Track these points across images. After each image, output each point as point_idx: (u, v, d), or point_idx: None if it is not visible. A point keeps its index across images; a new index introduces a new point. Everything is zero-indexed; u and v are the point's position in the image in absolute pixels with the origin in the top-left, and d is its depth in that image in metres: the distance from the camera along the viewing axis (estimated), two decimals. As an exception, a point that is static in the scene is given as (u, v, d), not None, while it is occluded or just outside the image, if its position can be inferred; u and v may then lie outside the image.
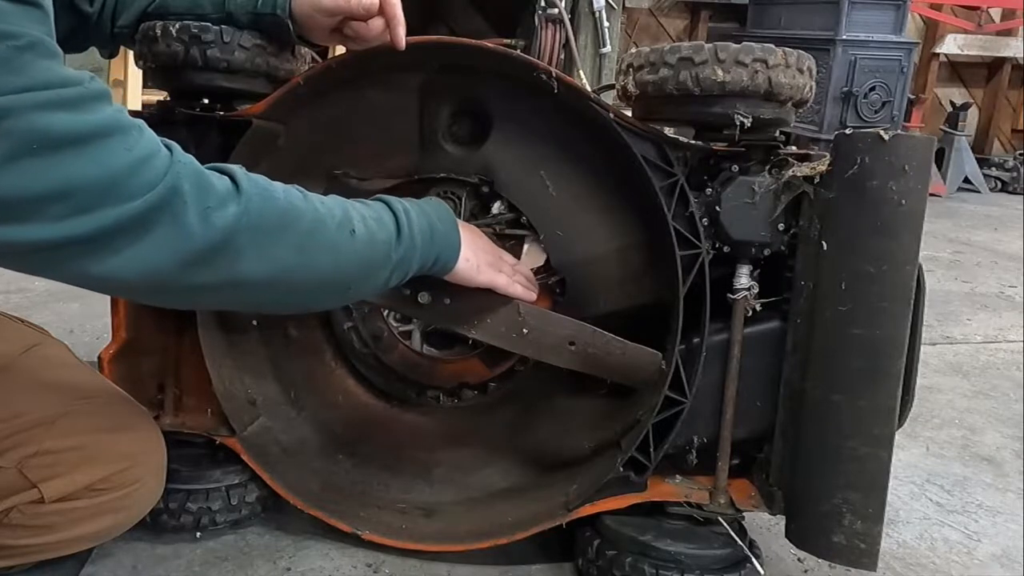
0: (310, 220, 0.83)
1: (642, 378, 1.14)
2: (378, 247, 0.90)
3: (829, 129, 4.20)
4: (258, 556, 1.17)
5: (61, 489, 0.93)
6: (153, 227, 0.70)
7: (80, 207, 0.66)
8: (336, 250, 0.86)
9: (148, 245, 0.71)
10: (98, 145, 0.67)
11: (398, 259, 0.93)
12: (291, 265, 0.81)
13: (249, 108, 1.12)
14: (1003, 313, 2.73)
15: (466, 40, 1.11)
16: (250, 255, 0.77)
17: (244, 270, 0.77)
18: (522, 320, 1.13)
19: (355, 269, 0.89)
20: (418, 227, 0.96)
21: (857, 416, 0.97)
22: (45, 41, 0.66)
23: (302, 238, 0.82)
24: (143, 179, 0.69)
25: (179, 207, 0.71)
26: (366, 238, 0.89)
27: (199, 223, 0.72)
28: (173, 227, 0.71)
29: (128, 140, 0.70)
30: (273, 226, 0.79)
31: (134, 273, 0.71)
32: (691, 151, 1.09)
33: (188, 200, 0.72)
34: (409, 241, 0.94)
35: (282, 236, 0.80)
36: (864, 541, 0.98)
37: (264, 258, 0.79)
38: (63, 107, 0.65)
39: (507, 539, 1.13)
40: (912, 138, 0.94)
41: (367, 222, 0.90)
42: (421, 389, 1.36)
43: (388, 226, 0.93)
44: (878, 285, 0.95)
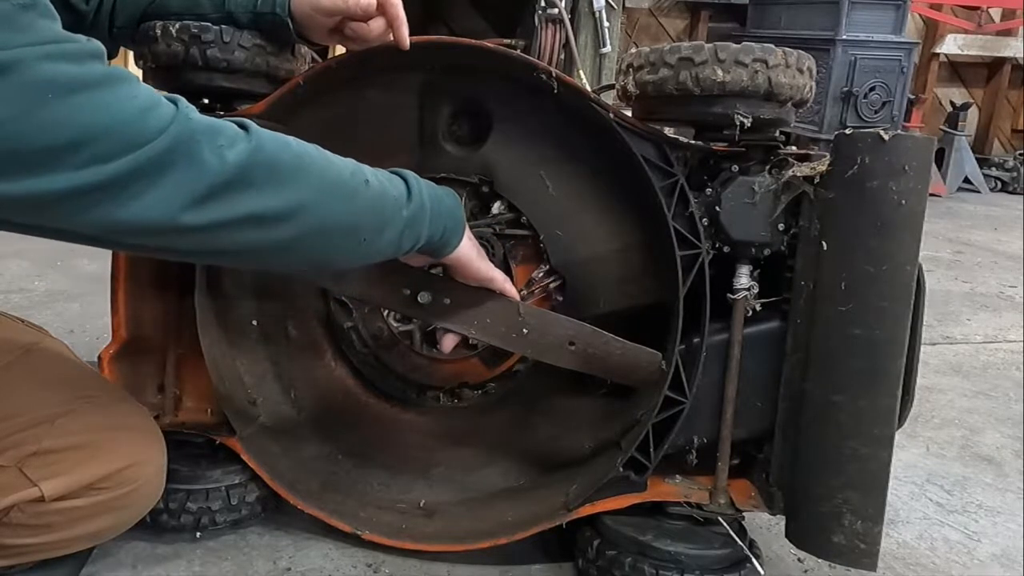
0: (323, 163, 0.85)
1: (642, 378, 1.14)
2: (389, 201, 0.92)
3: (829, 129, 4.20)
4: (258, 556, 1.17)
5: (61, 488, 0.93)
6: (170, 167, 0.72)
7: (98, 153, 0.68)
8: (349, 195, 0.87)
9: (168, 184, 0.72)
10: (106, 92, 0.69)
11: (409, 217, 0.94)
12: (306, 202, 0.82)
13: (249, 108, 1.12)
14: (1003, 313, 2.73)
15: (466, 40, 1.11)
16: (266, 190, 0.78)
17: (261, 205, 0.78)
18: (522, 320, 1.13)
19: (368, 217, 0.90)
20: (428, 195, 0.97)
21: (857, 416, 0.97)
22: (44, 2, 0.68)
23: (316, 178, 0.83)
24: (154, 123, 0.71)
25: (193, 146, 0.73)
26: (379, 190, 0.90)
27: (214, 159, 0.74)
28: (189, 165, 0.73)
29: (132, 88, 0.71)
30: (287, 164, 0.81)
31: (157, 214, 0.72)
32: (691, 151, 1.09)
33: (201, 139, 0.74)
34: (419, 204, 0.95)
35: (296, 174, 0.81)
36: (864, 541, 0.98)
37: (278, 194, 0.79)
38: (67, 59, 0.67)
39: (507, 539, 1.13)
40: (912, 138, 0.94)
41: (379, 177, 0.92)
42: (421, 389, 1.36)
43: (399, 186, 0.94)
44: (878, 285, 0.95)
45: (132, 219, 0.72)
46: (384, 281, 1.14)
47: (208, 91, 1.13)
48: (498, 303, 1.13)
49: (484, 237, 1.27)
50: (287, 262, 0.92)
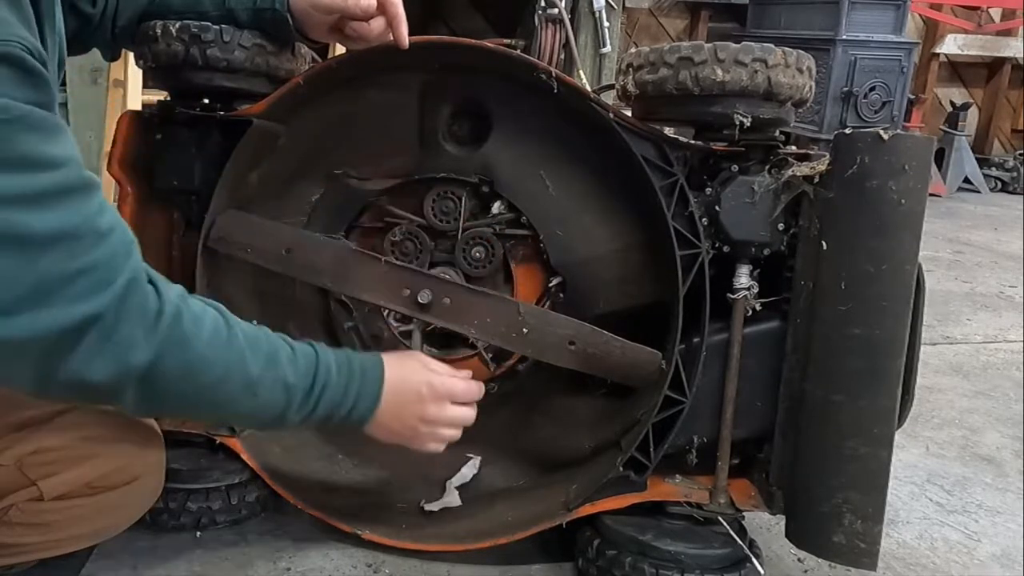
0: (217, 376, 0.82)
1: (642, 377, 1.14)
2: (274, 406, 0.89)
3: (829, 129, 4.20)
4: (258, 556, 1.17)
5: (60, 487, 0.93)
6: (63, 350, 0.70)
7: (11, 303, 0.66)
8: (232, 405, 0.86)
9: (52, 363, 0.71)
10: (42, 251, 0.67)
11: (294, 418, 0.91)
12: (176, 408, 0.86)
13: (249, 108, 1.12)
14: (1003, 313, 2.73)
15: (466, 40, 1.11)
16: (141, 397, 0.78)
17: (132, 404, 0.79)
18: (522, 320, 1.13)
19: (245, 419, 0.95)
20: (327, 400, 0.93)
21: (857, 416, 0.97)
22: (34, 115, 0.65)
23: (199, 394, 0.82)
24: (72, 294, 0.69)
25: (92, 338, 0.71)
26: (266, 401, 0.88)
27: (108, 359, 0.72)
28: (80, 355, 0.71)
29: (76, 249, 0.69)
30: (176, 376, 0.78)
31: (28, 379, 0.72)
32: (691, 151, 1.09)
33: (104, 333, 0.71)
34: (309, 412, 0.92)
35: (180, 386, 0.79)
36: (864, 541, 0.98)
37: (152, 401, 0.80)
38: (33, 201, 0.65)
39: (507, 539, 1.13)
40: (912, 138, 0.94)
41: (275, 382, 0.88)
42: (421, 389, 1.36)
43: (295, 394, 0.90)
44: (878, 285, 0.95)
45: (11, 380, 0.73)
46: (384, 281, 1.14)
47: (208, 91, 1.13)
48: (498, 303, 1.13)
49: (484, 237, 1.27)
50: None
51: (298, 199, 1.27)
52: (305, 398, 0.90)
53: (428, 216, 1.27)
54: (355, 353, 0.98)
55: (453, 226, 1.27)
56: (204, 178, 1.14)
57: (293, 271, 1.16)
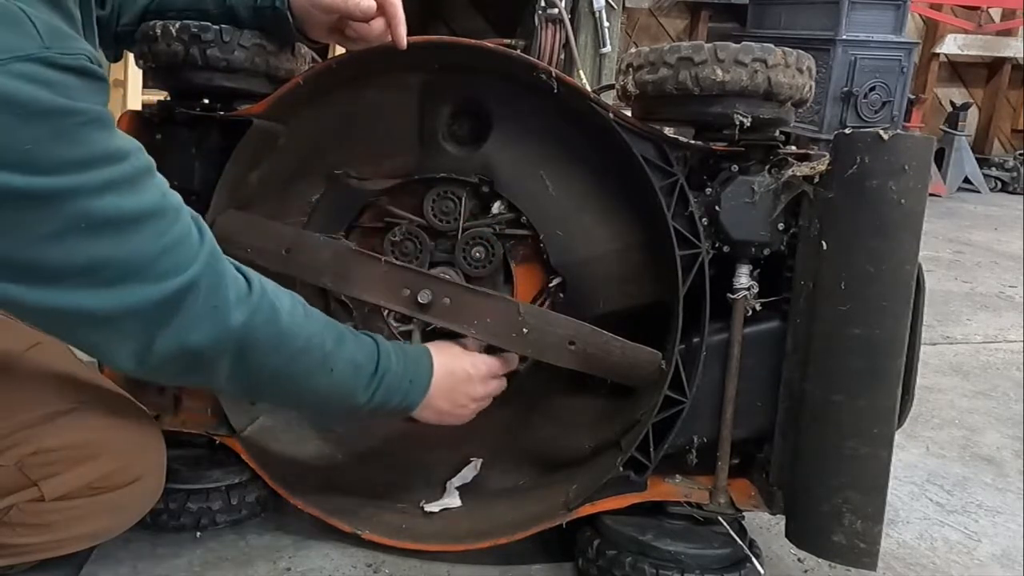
0: (299, 348, 0.90)
1: (642, 377, 1.14)
2: (346, 387, 0.97)
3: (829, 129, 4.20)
4: (258, 556, 1.17)
5: (61, 487, 0.93)
6: (164, 318, 0.77)
7: (105, 281, 0.74)
8: (311, 384, 0.94)
9: (152, 333, 0.77)
10: (135, 229, 0.74)
11: (362, 399, 0.99)
12: (265, 384, 0.91)
13: (249, 108, 1.12)
14: (1003, 313, 2.73)
15: (466, 40, 1.11)
16: (236, 365, 0.85)
17: (226, 375, 0.86)
18: (522, 320, 1.13)
19: (322, 401, 0.98)
20: (388, 385, 1.01)
21: (857, 416, 0.97)
22: (104, 114, 0.72)
23: (286, 364, 0.89)
24: (167, 266, 0.76)
25: (191, 302, 0.78)
26: (341, 377, 0.96)
27: (206, 323, 0.79)
28: (181, 318, 0.78)
29: (163, 225, 0.76)
30: (267, 344, 0.86)
31: (124, 357, 0.79)
32: (691, 151, 1.09)
33: (201, 298, 0.78)
34: (376, 396, 1.00)
35: (270, 356, 0.87)
36: (864, 541, 0.98)
37: (245, 370, 0.86)
38: (114, 189, 0.72)
39: (507, 539, 1.13)
40: (912, 138, 0.94)
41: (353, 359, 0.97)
42: (421, 389, 1.36)
43: (363, 372, 0.98)
44: (878, 285, 0.95)
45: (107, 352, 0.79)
46: (384, 281, 1.14)
47: (208, 90, 1.13)
48: (498, 303, 1.13)
49: (484, 237, 1.27)
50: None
51: (298, 199, 1.27)
52: (370, 380, 0.98)
53: (428, 216, 1.28)
54: (404, 344, 1.10)
55: (453, 226, 1.27)
56: (204, 178, 1.14)
57: (293, 271, 1.16)
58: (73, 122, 0.68)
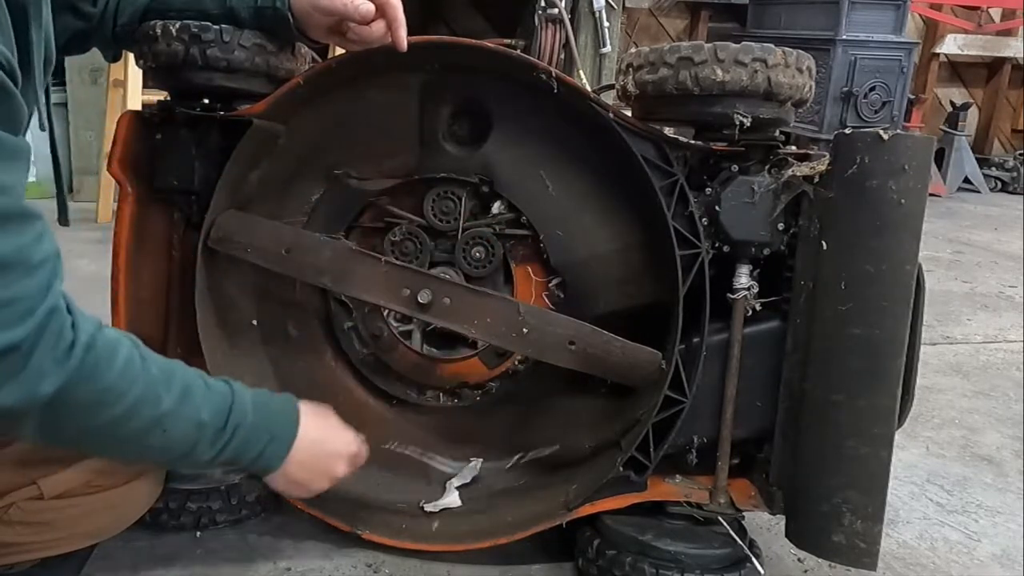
0: (124, 410, 0.79)
1: (642, 377, 1.14)
2: (181, 444, 0.86)
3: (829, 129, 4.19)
4: (258, 556, 1.17)
5: (60, 485, 0.93)
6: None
7: None
8: (139, 439, 0.83)
9: None
10: None
11: (204, 457, 0.88)
12: (79, 440, 0.81)
13: (249, 108, 1.12)
14: (1003, 313, 2.73)
15: (466, 40, 1.11)
16: (43, 427, 0.76)
17: (31, 433, 0.76)
18: (522, 320, 1.13)
19: (154, 456, 0.88)
20: (241, 441, 0.90)
21: (857, 416, 0.97)
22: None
23: (108, 426, 0.79)
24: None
25: (6, 365, 0.69)
26: (176, 437, 0.85)
27: (15, 386, 0.70)
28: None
29: (9, 276, 0.68)
30: (83, 408, 0.76)
31: None
32: (691, 151, 1.09)
33: (17, 361, 0.70)
34: (220, 453, 0.89)
35: (86, 418, 0.78)
36: (864, 541, 0.98)
37: (53, 431, 0.77)
38: None
39: (507, 539, 1.13)
40: (911, 138, 0.94)
41: (186, 423, 0.86)
42: (421, 389, 1.36)
43: (206, 432, 0.87)
44: (878, 285, 0.95)
45: None
46: (384, 281, 1.14)
47: (208, 91, 1.13)
48: (498, 303, 1.13)
49: (484, 237, 1.27)
50: None
51: (298, 199, 1.27)
52: (216, 436, 0.87)
53: (428, 216, 1.28)
54: (274, 396, 0.97)
55: (453, 226, 1.27)
56: (204, 178, 1.14)
57: (293, 271, 1.16)
58: None
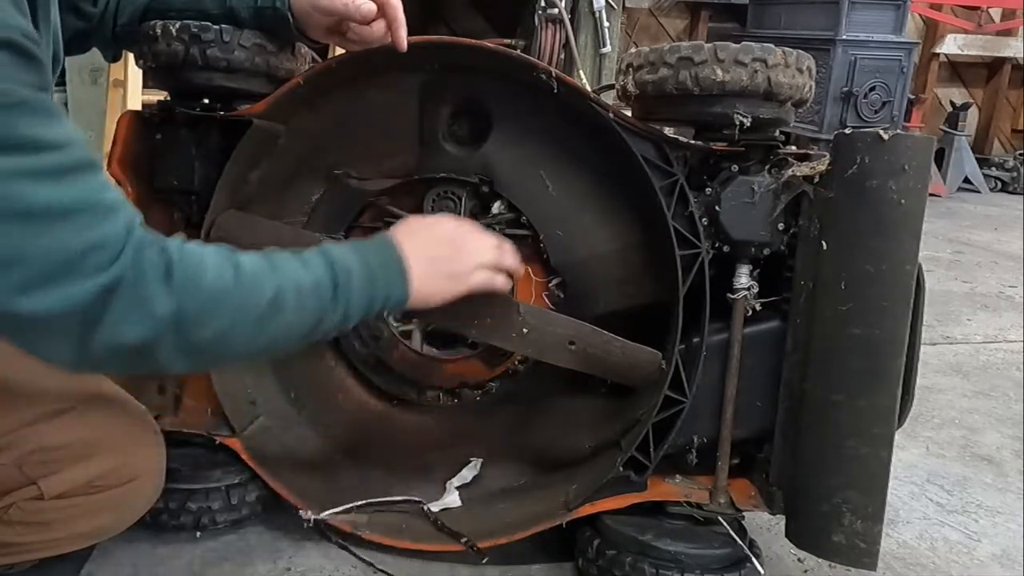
0: (236, 305, 0.81)
1: (642, 377, 1.14)
2: (307, 316, 0.88)
3: (829, 129, 4.19)
4: (258, 556, 1.17)
5: (60, 486, 0.93)
6: (92, 318, 0.71)
7: (28, 280, 0.68)
8: (263, 328, 0.84)
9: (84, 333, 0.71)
10: (55, 223, 0.68)
11: (332, 320, 0.90)
12: (216, 350, 0.82)
13: (249, 108, 1.12)
14: (1003, 313, 2.73)
15: (466, 40, 1.11)
16: (178, 347, 0.77)
17: (172, 359, 0.78)
18: (522, 320, 1.13)
19: (284, 338, 0.88)
20: (356, 288, 0.91)
21: (857, 416, 0.97)
22: (35, 99, 0.67)
23: (231, 327, 0.81)
24: (90, 264, 0.70)
25: (117, 300, 0.72)
26: (294, 311, 0.86)
27: (135, 317, 0.73)
28: (110, 319, 0.72)
29: (89, 219, 0.70)
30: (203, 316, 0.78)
31: (64, 353, 0.73)
32: (691, 151, 1.09)
33: (126, 294, 0.72)
34: (344, 306, 0.90)
35: (210, 326, 0.79)
36: (864, 541, 0.98)
37: (188, 348, 0.78)
38: (38, 176, 0.67)
39: (507, 539, 1.13)
40: (911, 138, 0.94)
41: (301, 291, 0.87)
42: (421, 389, 1.36)
43: (324, 295, 0.89)
44: (878, 285, 0.95)
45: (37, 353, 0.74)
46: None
47: (208, 91, 1.13)
48: (498, 303, 1.13)
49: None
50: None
51: (298, 199, 1.27)
52: (333, 297, 0.89)
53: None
54: (360, 241, 0.98)
55: (453, 226, 1.27)
56: (204, 178, 1.14)
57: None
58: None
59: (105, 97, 3.12)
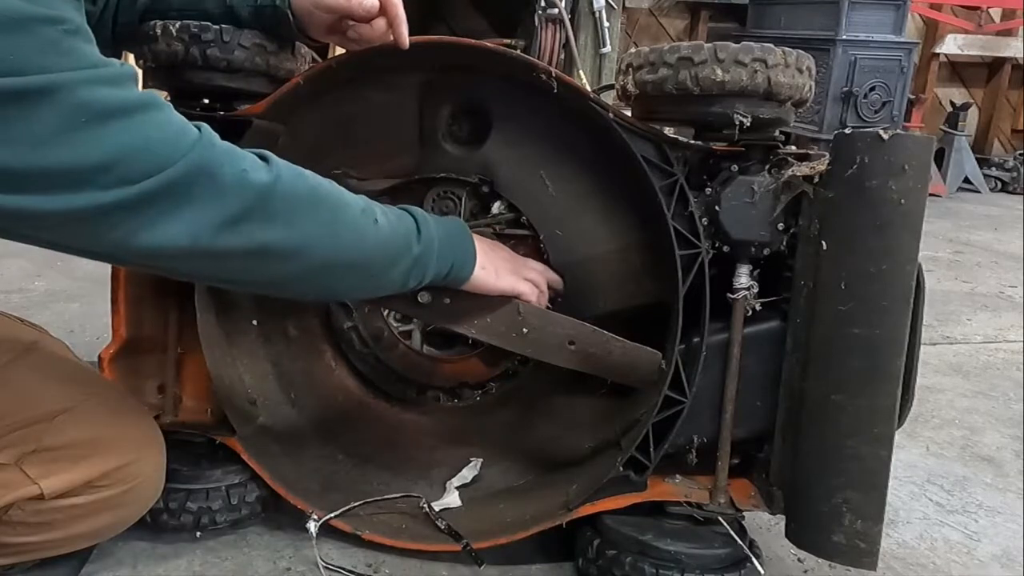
0: (336, 200, 0.88)
1: (642, 377, 1.14)
2: (399, 239, 0.95)
3: (829, 129, 4.20)
4: (258, 556, 1.17)
5: (61, 486, 0.94)
6: (192, 191, 0.75)
7: (126, 175, 0.71)
8: (360, 232, 0.90)
9: (189, 209, 0.75)
10: (139, 117, 0.73)
11: (417, 255, 0.96)
12: (317, 238, 0.85)
13: (249, 108, 1.12)
14: (1003, 313, 2.73)
15: (466, 40, 1.11)
16: (280, 221, 0.81)
17: (273, 237, 0.81)
18: (522, 320, 1.13)
19: (378, 254, 0.93)
20: (436, 231, 1.00)
21: (857, 416, 0.97)
22: (86, 27, 0.72)
23: (329, 213, 0.87)
24: (181, 145, 0.75)
25: (216, 168, 0.77)
26: (388, 229, 0.93)
27: (235, 183, 0.78)
28: (210, 190, 0.76)
29: (164, 113, 0.76)
30: (303, 196, 0.84)
31: (173, 238, 0.76)
32: (691, 151, 1.09)
33: (224, 162, 0.78)
34: (428, 241, 0.98)
35: (311, 208, 0.84)
36: (864, 541, 0.98)
37: (293, 226, 0.82)
38: (106, 83, 0.71)
39: (507, 539, 1.13)
40: (911, 138, 0.93)
41: (388, 216, 0.94)
42: (421, 389, 1.36)
43: (408, 224, 0.97)
44: (878, 284, 0.95)
45: (149, 242, 0.75)
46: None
47: (208, 90, 1.13)
48: (498, 303, 1.13)
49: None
50: (294, 292, 0.97)
51: (298, 199, 1.26)
52: (418, 235, 0.96)
53: (428, 216, 1.27)
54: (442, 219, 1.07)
55: (453, 226, 1.27)
56: (204, 178, 1.13)
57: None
58: (55, 30, 0.68)
59: (105, 97, 3.13)
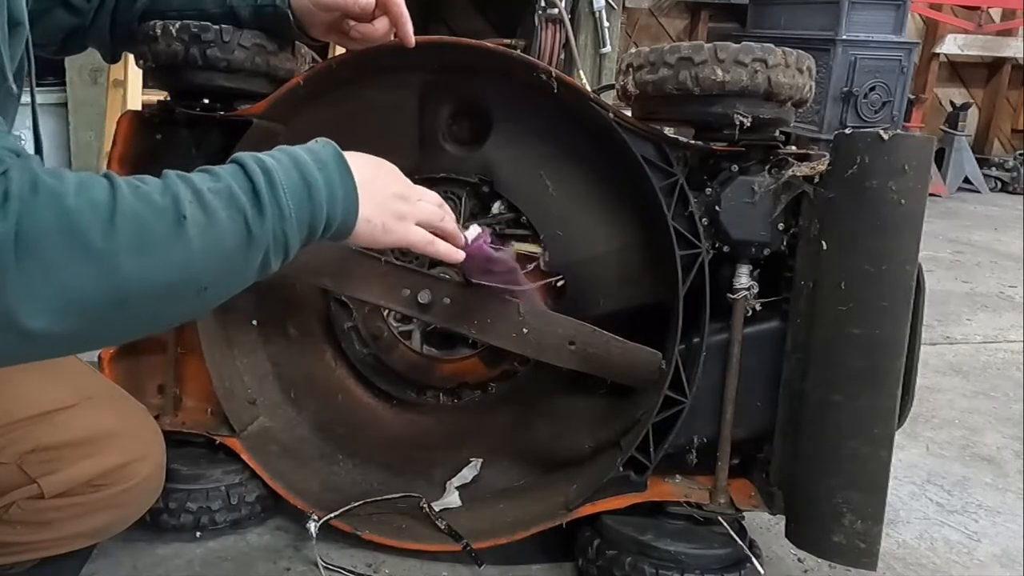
0: (105, 221, 0.63)
1: (642, 377, 1.14)
2: (226, 228, 0.69)
3: (829, 129, 4.19)
4: (258, 556, 1.17)
5: (60, 484, 0.93)
6: None
7: None
8: (163, 247, 0.66)
9: None
10: None
11: (266, 236, 0.73)
12: (93, 285, 0.62)
13: (249, 108, 1.12)
14: (1003, 313, 2.73)
15: (466, 40, 1.11)
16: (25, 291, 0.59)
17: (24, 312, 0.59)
18: (522, 320, 1.13)
19: (199, 263, 0.68)
20: (287, 188, 0.74)
21: (857, 416, 0.97)
22: None
23: (101, 246, 0.62)
24: None
25: None
26: (203, 222, 0.68)
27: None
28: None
29: None
30: (51, 232, 0.60)
31: None
32: (691, 151, 1.09)
33: None
34: (275, 210, 0.73)
35: (69, 253, 0.61)
36: (864, 541, 0.98)
37: (49, 288, 0.60)
38: None
39: (507, 539, 1.13)
40: (911, 138, 0.94)
41: (204, 200, 0.69)
42: (421, 389, 1.36)
43: (239, 197, 0.71)
44: (878, 284, 0.95)
45: None
46: (384, 281, 1.14)
47: (208, 91, 1.13)
48: (498, 303, 1.13)
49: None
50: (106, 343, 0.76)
51: (298, 199, 1.26)
52: (255, 200, 0.71)
53: (428, 216, 1.27)
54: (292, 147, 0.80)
55: (453, 226, 1.27)
56: (204, 178, 1.13)
57: (292, 271, 1.16)
58: None
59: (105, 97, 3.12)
